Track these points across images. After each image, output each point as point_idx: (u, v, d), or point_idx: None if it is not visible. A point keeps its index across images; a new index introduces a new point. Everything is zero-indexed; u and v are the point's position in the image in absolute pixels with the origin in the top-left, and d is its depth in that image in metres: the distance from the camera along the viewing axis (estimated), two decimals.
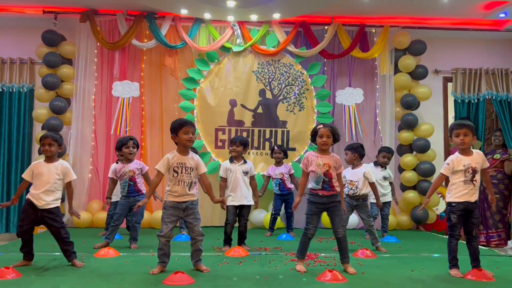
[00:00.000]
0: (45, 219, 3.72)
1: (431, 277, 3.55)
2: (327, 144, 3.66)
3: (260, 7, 5.82)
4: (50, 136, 3.80)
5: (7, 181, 6.56)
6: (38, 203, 3.70)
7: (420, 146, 6.41)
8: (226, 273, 3.58)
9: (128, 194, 4.70)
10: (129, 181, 4.70)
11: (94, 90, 6.54)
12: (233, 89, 6.56)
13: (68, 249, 3.78)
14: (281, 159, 5.80)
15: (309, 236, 3.71)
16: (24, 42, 6.69)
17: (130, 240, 4.72)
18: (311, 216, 3.70)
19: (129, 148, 4.75)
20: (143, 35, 6.54)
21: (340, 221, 3.68)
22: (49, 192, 3.72)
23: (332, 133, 3.68)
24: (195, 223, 3.63)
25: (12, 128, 6.61)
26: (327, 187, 3.65)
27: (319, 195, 3.65)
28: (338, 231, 3.68)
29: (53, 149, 3.78)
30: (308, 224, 3.72)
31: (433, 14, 6.37)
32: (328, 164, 3.64)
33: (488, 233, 6.52)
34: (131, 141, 4.78)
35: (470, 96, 6.93)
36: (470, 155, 3.60)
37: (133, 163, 4.79)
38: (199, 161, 3.70)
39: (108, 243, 4.59)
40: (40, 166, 3.79)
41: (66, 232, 3.79)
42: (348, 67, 6.83)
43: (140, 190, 4.75)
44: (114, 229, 4.67)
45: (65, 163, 3.90)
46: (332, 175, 3.64)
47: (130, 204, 4.67)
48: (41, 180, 3.73)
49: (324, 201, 3.66)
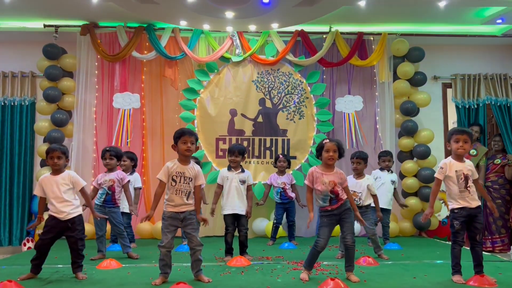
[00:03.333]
0: (66, 229, 3.75)
1: (434, 284, 3.54)
2: (334, 159, 3.66)
3: (259, 17, 5.87)
4: (59, 149, 3.83)
5: (9, 194, 6.57)
6: (60, 216, 3.74)
7: (421, 152, 6.42)
8: (229, 283, 3.58)
9: (103, 204, 4.69)
10: (107, 190, 4.69)
11: (95, 102, 6.58)
12: (233, 99, 6.59)
13: (78, 262, 3.79)
14: (284, 168, 5.82)
15: (318, 248, 3.68)
16: (25, 55, 6.75)
17: (124, 251, 4.73)
18: (322, 228, 3.69)
19: (106, 160, 4.78)
20: (143, 46, 6.59)
21: (349, 228, 3.67)
22: (64, 203, 3.75)
23: (338, 148, 3.68)
24: (194, 233, 3.62)
25: (14, 141, 6.64)
26: (334, 202, 3.66)
27: (329, 210, 3.66)
28: (346, 238, 3.67)
29: (61, 162, 3.82)
30: (318, 236, 3.71)
31: (430, 21, 6.41)
32: (333, 181, 3.65)
33: (493, 239, 6.50)
34: (107, 152, 4.79)
35: (470, 101, 6.95)
36: (463, 162, 3.63)
37: (114, 172, 4.79)
38: (198, 172, 3.71)
39: (103, 255, 4.62)
40: (47, 180, 3.82)
41: (82, 244, 3.81)
42: (347, 75, 6.86)
43: (116, 201, 4.73)
44: (101, 241, 4.69)
45: (71, 172, 3.94)
46: (338, 191, 3.65)
47: (105, 214, 4.64)
48: (52, 193, 3.76)
49: (335, 213, 3.67)
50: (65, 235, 3.78)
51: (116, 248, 5.19)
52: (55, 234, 3.77)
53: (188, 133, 3.64)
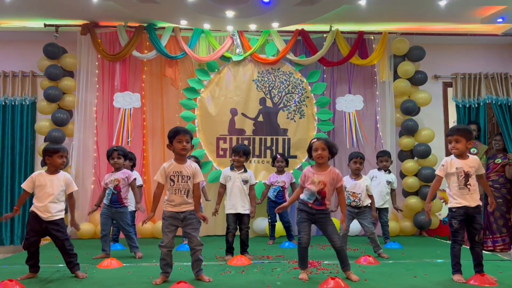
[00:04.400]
0: (50, 231, 3.74)
1: (434, 283, 3.54)
2: (323, 157, 3.64)
3: (259, 16, 5.87)
4: (64, 150, 3.86)
5: (11, 193, 6.58)
6: (43, 215, 3.71)
7: (421, 151, 6.42)
8: (229, 282, 3.58)
9: (110, 204, 4.69)
10: (113, 190, 4.69)
11: (96, 102, 6.58)
12: (233, 98, 6.59)
13: (72, 261, 3.80)
14: (283, 167, 5.82)
15: (303, 245, 3.68)
16: (25, 55, 6.75)
17: (131, 251, 4.75)
18: (301, 224, 3.70)
19: (114, 159, 4.78)
20: (144, 46, 6.59)
21: (333, 231, 3.67)
22: (53, 204, 3.74)
23: (327, 146, 3.66)
24: (194, 233, 3.63)
25: (15, 141, 6.64)
26: (318, 204, 3.66)
27: (309, 206, 3.67)
28: (334, 241, 3.66)
29: (64, 162, 3.86)
30: (299, 232, 3.72)
31: (431, 20, 6.39)
32: (323, 182, 3.63)
33: (494, 238, 6.50)
34: (115, 152, 4.79)
35: (471, 100, 6.94)
36: (465, 159, 3.62)
37: (120, 172, 4.80)
38: (196, 170, 3.69)
39: (107, 254, 4.62)
40: (42, 177, 3.79)
41: (70, 244, 3.81)
42: (348, 74, 6.86)
43: (123, 201, 4.73)
44: (105, 239, 4.69)
45: (67, 174, 3.94)
46: (325, 193, 3.63)
47: (112, 215, 4.68)
48: (45, 191, 3.74)
49: (313, 213, 3.67)
50: (51, 238, 3.78)
51: (117, 247, 5.21)
52: (38, 232, 3.75)
53: (182, 132, 3.62)
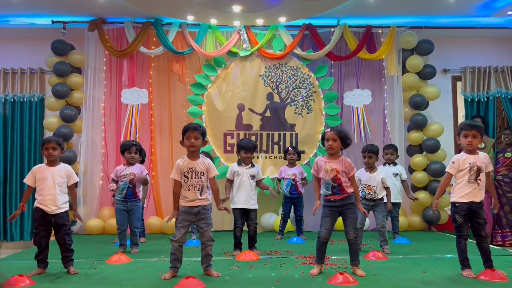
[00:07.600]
0: (55, 223, 3.75)
1: (444, 278, 3.52)
2: (333, 148, 3.65)
3: (266, 11, 5.84)
4: (54, 141, 3.81)
5: (20, 189, 6.62)
6: (48, 209, 3.71)
7: (430, 146, 6.37)
8: (237, 277, 3.58)
9: (125, 198, 4.69)
10: (129, 184, 4.69)
11: (104, 98, 6.60)
12: (240, 94, 6.58)
13: (68, 256, 3.81)
14: (294, 160, 5.83)
15: (321, 239, 3.68)
16: (33, 52, 6.78)
17: (131, 245, 4.75)
18: (323, 219, 3.69)
19: (131, 153, 4.78)
20: (151, 42, 6.60)
21: (352, 223, 3.66)
22: (57, 196, 3.73)
23: (339, 137, 3.65)
24: (206, 228, 3.65)
25: (24, 137, 6.70)
26: (337, 191, 3.64)
27: (331, 200, 3.66)
28: (349, 233, 3.66)
29: (56, 153, 3.79)
30: (320, 227, 3.71)
31: (439, 13, 6.33)
32: (336, 169, 3.63)
33: (503, 233, 6.45)
34: (134, 146, 4.80)
35: (480, 94, 6.87)
36: (476, 155, 3.59)
37: (135, 166, 4.80)
38: (209, 165, 3.71)
39: (124, 248, 4.64)
40: (42, 170, 3.78)
41: (70, 239, 3.81)
42: (356, 69, 6.82)
43: (137, 195, 4.76)
44: (123, 235, 4.70)
45: (67, 166, 3.92)
46: (341, 180, 3.63)
47: (127, 209, 4.69)
48: (46, 184, 3.73)
49: (337, 205, 3.65)
50: (54, 231, 3.79)
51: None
52: (47, 226, 3.77)
53: (191, 129, 3.63)
